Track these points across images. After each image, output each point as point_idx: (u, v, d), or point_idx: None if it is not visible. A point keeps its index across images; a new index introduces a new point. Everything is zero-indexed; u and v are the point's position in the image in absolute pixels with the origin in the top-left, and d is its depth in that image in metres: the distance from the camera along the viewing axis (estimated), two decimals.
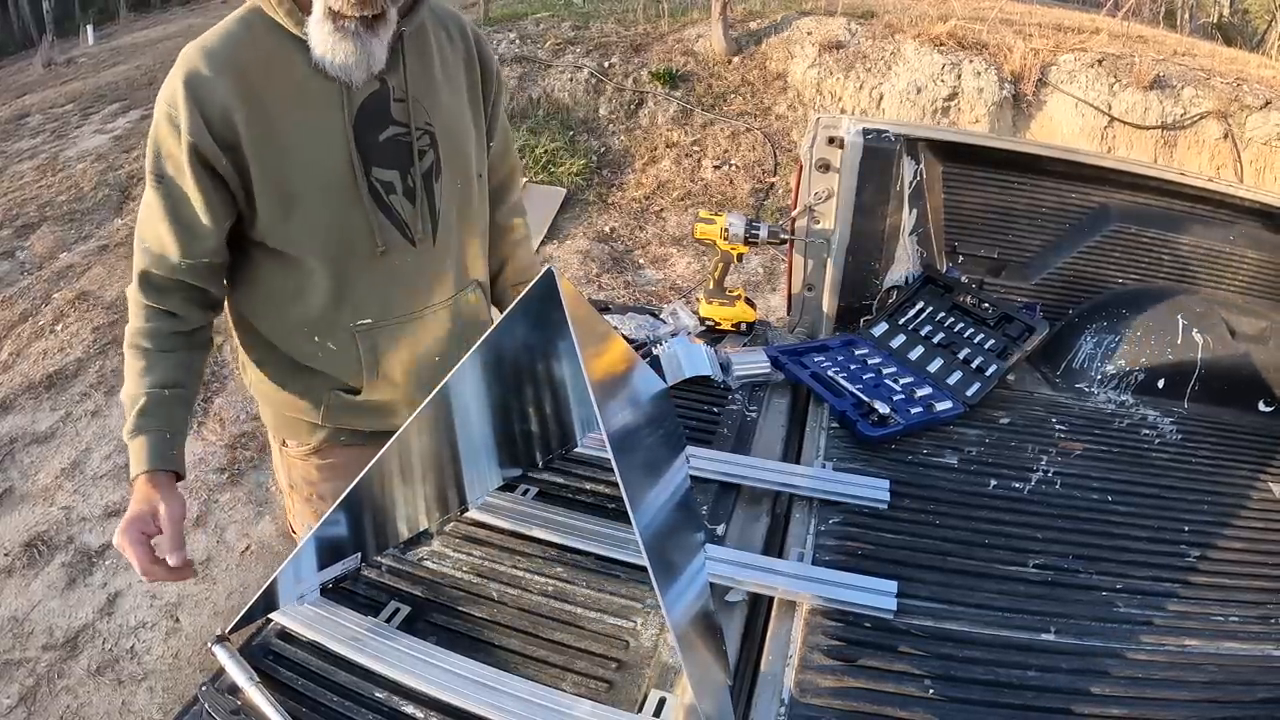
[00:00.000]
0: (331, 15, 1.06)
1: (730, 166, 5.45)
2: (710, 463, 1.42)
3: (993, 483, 1.47)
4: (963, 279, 1.99)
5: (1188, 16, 9.84)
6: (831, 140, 1.95)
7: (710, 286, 2.02)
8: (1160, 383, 1.84)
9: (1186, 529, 1.38)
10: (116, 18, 13.43)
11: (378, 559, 1.17)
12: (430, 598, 1.11)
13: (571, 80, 5.94)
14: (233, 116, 1.07)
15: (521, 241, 1.51)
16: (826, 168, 1.97)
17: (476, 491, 1.28)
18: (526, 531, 1.23)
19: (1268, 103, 5.04)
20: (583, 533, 1.22)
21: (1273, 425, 1.79)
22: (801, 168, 2.00)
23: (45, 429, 3.39)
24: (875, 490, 1.39)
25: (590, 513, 1.27)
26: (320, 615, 1.04)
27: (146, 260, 1.15)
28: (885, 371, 1.79)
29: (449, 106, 1.24)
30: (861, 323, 2.02)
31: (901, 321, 1.95)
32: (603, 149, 5.62)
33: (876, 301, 2.05)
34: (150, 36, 10.45)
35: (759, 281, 4.55)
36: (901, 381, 1.75)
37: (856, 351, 1.88)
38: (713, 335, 1.98)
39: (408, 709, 0.93)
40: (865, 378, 1.75)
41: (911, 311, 1.97)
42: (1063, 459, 1.56)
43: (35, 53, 10.63)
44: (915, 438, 1.59)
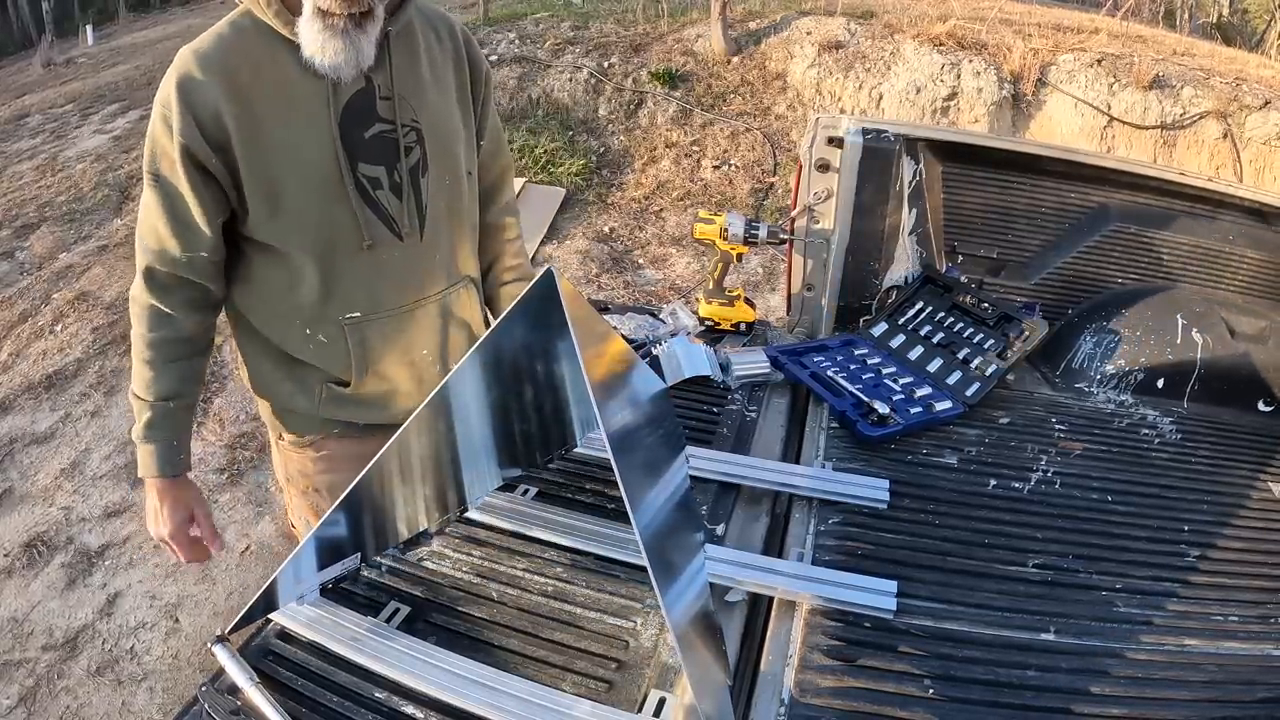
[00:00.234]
0: (320, 14, 1.09)
1: (730, 166, 5.45)
2: (710, 463, 1.42)
3: (992, 483, 1.47)
4: (962, 279, 1.99)
5: (1187, 16, 9.84)
6: (831, 140, 1.95)
7: (710, 286, 2.02)
8: (1160, 382, 1.84)
9: (1186, 529, 1.38)
10: (116, 18, 13.42)
11: (377, 559, 1.17)
12: (430, 598, 1.11)
13: (571, 80, 5.94)
14: (223, 117, 1.11)
15: (513, 240, 1.52)
16: (826, 168, 1.97)
17: (476, 491, 1.28)
18: (526, 531, 1.23)
19: (1267, 102, 5.04)
20: (583, 533, 1.22)
21: (1272, 425, 1.79)
22: (801, 168, 2.00)
23: (45, 429, 3.39)
24: (875, 490, 1.39)
25: (590, 513, 1.27)
26: (320, 615, 1.04)
27: (149, 257, 1.19)
28: (885, 371, 1.80)
29: (436, 105, 1.27)
30: (861, 323, 2.02)
31: (901, 321, 1.95)
32: (602, 149, 5.62)
33: (876, 301, 2.05)
34: (150, 37, 10.45)
35: (759, 281, 4.55)
36: (901, 381, 1.75)
37: (856, 351, 1.88)
38: (712, 335, 1.98)
39: (407, 709, 0.93)
40: (865, 378, 1.75)
41: (911, 311, 1.97)
42: (1062, 459, 1.56)
43: (35, 53, 10.63)
44: (915, 438, 1.59)
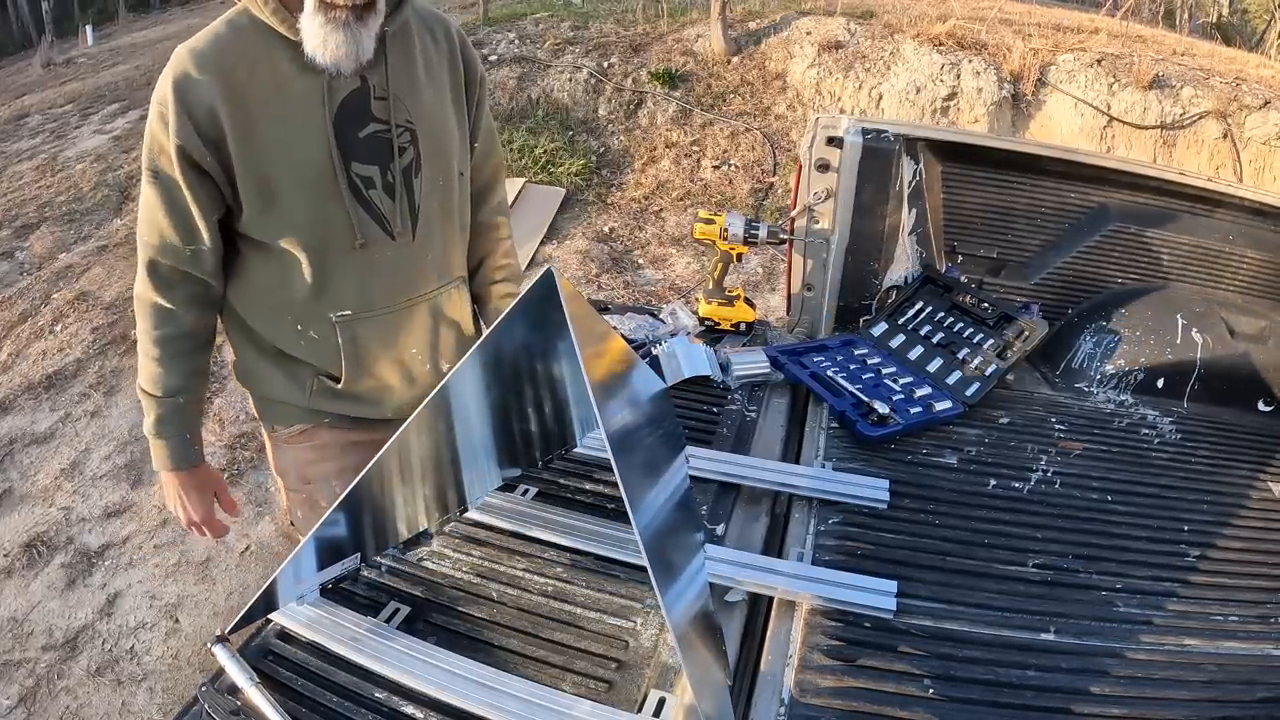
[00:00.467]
0: (323, 7, 1.10)
1: (729, 166, 5.45)
2: (710, 463, 1.42)
3: (992, 482, 1.47)
4: (962, 279, 1.99)
5: (1187, 16, 9.84)
6: (831, 140, 1.95)
7: (709, 286, 2.02)
8: (1159, 382, 1.84)
9: (1186, 529, 1.38)
10: (115, 18, 13.43)
11: (377, 559, 1.17)
12: (430, 598, 1.11)
13: (571, 80, 5.94)
14: (218, 115, 1.12)
15: (504, 239, 1.52)
16: (826, 168, 1.97)
17: (476, 491, 1.28)
18: (526, 531, 1.23)
19: (1267, 102, 5.04)
20: (583, 533, 1.22)
21: (1272, 425, 1.79)
22: (801, 168, 2.00)
23: (44, 429, 3.39)
24: (875, 490, 1.39)
25: (590, 513, 1.27)
26: (320, 615, 1.04)
27: (151, 252, 1.20)
28: (885, 371, 1.80)
29: (431, 106, 1.27)
30: (861, 322, 2.02)
31: (901, 321, 1.95)
32: (602, 149, 5.62)
33: (876, 301, 2.05)
34: (149, 37, 10.45)
35: (758, 281, 4.55)
36: (901, 381, 1.75)
37: (856, 351, 1.88)
38: (712, 335, 1.98)
39: (407, 709, 0.93)
40: (865, 378, 1.75)
41: (911, 311, 1.97)
42: (1062, 459, 1.56)
43: (34, 53, 10.63)
44: (915, 438, 1.59)
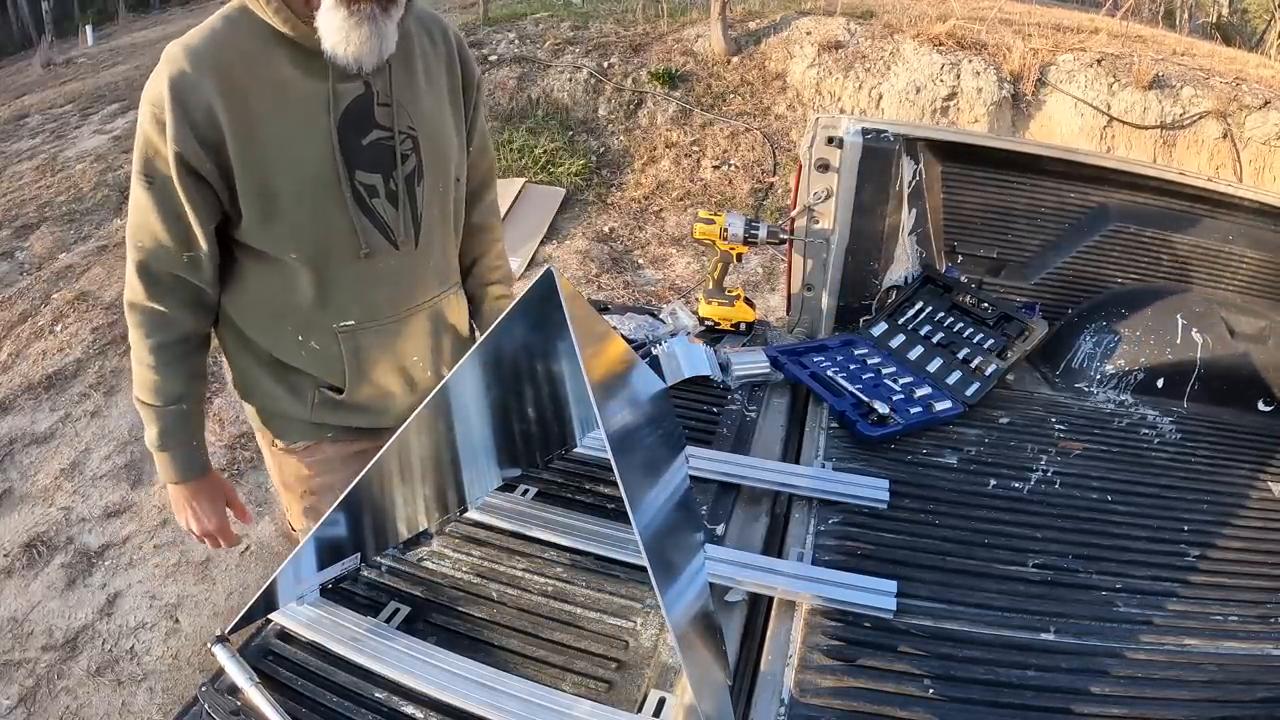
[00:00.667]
0: (347, 2, 1.05)
1: (729, 166, 5.45)
2: (710, 463, 1.42)
3: (992, 482, 1.47)
4: (962, 279, 1.99)
5: (1187, 16, 9.84)
6: (831, 140, 1.95)
7: (709, 286, 2.02)
8: (1159, 382, 1.84)
9: (1186, 529, 1.38)
10: (115, 18, 13.43)
11: (377, 559, 1.17)
12: (430, 598, 1.11)
13: (571, 80, 5.94)
14: (217, 117, 1.08)
15: (497, 241, 1.51)
16: (826, 168, 1.97)
17: (476, 491, 1.28)
18: (526, 531, 1.23)
19: (1267, 102, 5.04)
20: (583, 533, 1.22)
21: (1272, 425, 1.79)
22: (801, 168, 2.00)
23: (44, 429, 3.39)
24: (875, 490, 1.39)
25: (590, 513, 1.27)
26: (320, 615, 1.04)
27: (144, 256, 1.16)
28: (885, 371, 1.80)
29: (431, 111, 1.25)
30: (861, 322, 2.02)
31: (901, 321, 1.95)
32: (602, 149, 5.62)
33: (876, 301, 2.05)
34: (149, 37, 10.45)
35: (758, 281, 4.55)
36: (901, 381, 1.75)
37: (856, 351, 1.88)
38: (712, 335, 1.98)
39: (407, 709, 0.93)
40: (865, 378, 1.75)
41: (911, 311, 1.97)
42: (1062, 459, 1.56)
43: (34, 53, 10.64)
44: (915, 438, 1.59)
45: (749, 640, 1.12)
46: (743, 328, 2.00)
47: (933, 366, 1.81)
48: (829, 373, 1.75)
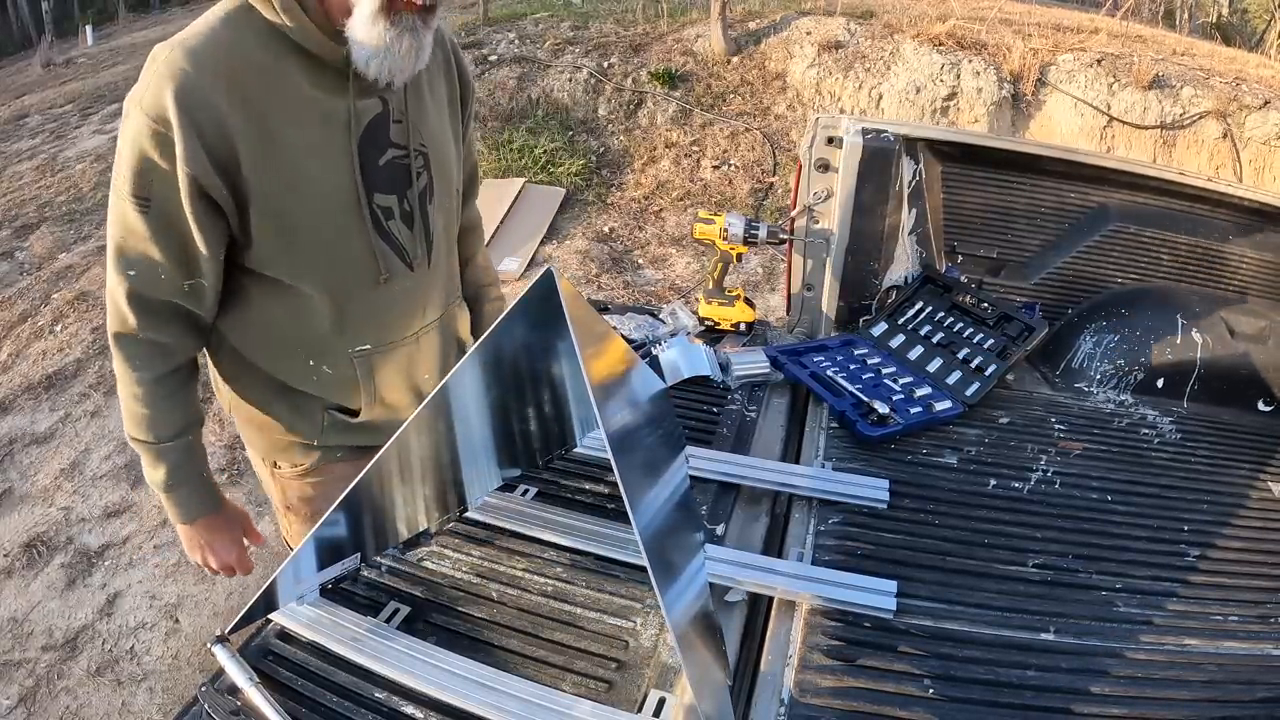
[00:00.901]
0: (387, 11, 0.97)
1: (729, 166, 5.45)
2: (710, 463, 1.42)
3: (992, 482, 1.47)
4: (962, 279, 1.99)
5: (1187, 16, 9.84)
6: (831, 140, 1.95)
7: (709, 286, 2.02)
8: (1159, 382, 1.84)
9: (1186, 529, 1.38)
10: (115, 18, 13.43)
11: (377, 559, 1.17)
12: (430, 598, 1.11)
13: (571, 80, 5.94)
14: (231, 134, 0.97)
15: (482, 241, 1.49)
16: (826, 168, 1.97)
17: (476, 491, 1.28)
18: (526, 531, 1.23)
19: (1266, 102, 5.04)
20: (583, 533, 1.22)
21: (1272, 425, 1.79)
22: (801, 168, 2.00)
23: (44, 429, 3.39)
24: (875, 490, 1.39)
25: (590, 513, 1.27)
26: (320, 615, 1.04)
27: (138, 285, 1.05)
28: (885, 371, 1.80)
29: (436, 125, 1.20)
30: (861, 323, 2.02)
31: (901, 321, 1.95)
32: (602, 149, 5.62)
33: (876, 301, 2.05)
34: (149, 37, 10.45)
35: (758, 281, 4.55)
36: (901, 381, 1.75)
37: (856, 351, 1.88)
38: (712, 335, 1.98)
39: (407, 709, 0.93)
40: (865, 378, 1.75)
41: (911, 311, 1.97)
42: (1062, 459, 1.56)
43: (34, 53, 10.65)
44: (915, 438, 1.59)
45: (749, 640, 1.12)
46: (743, 328, 2.00)
47: (933, 366, 1.81)
48: (829, 373, 1.75)
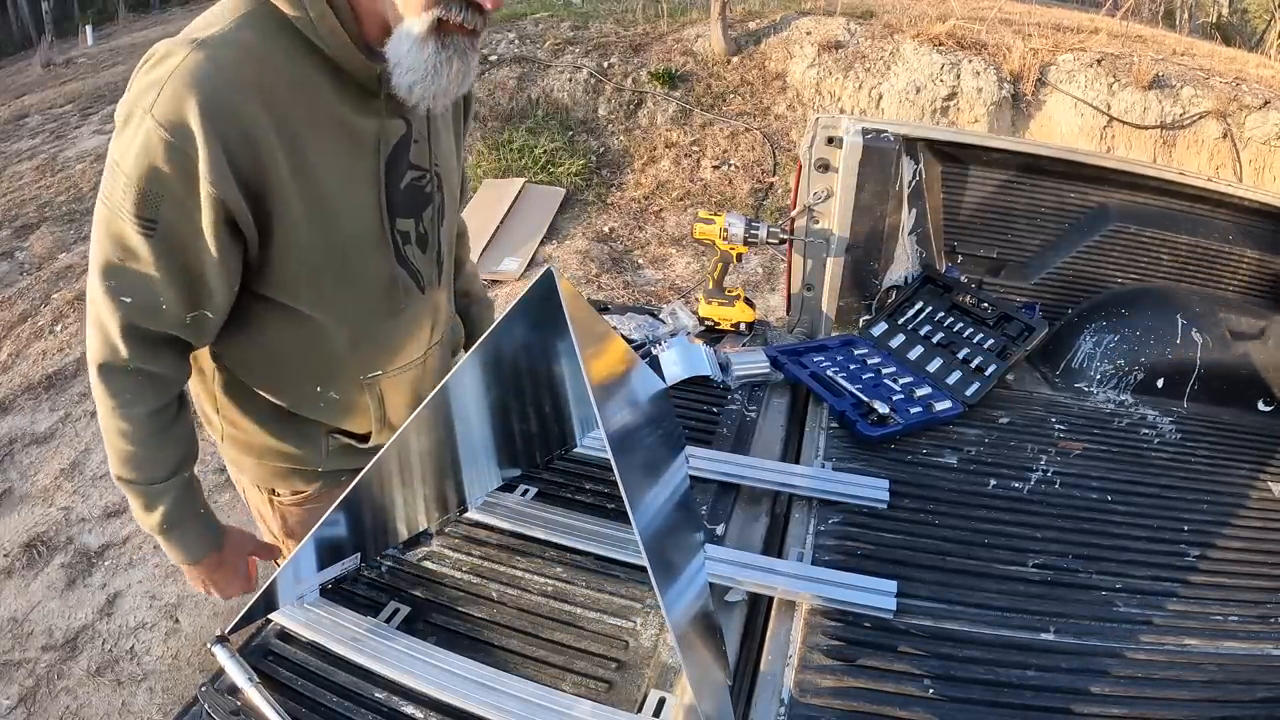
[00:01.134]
0: (438, 34, 0.89)
1: (729, 166, 5.45)
2: (710, 463, 1.42)
3: (992, 482, 1.47)
4: (962, 279, 1.99)
5: (1187, 16, 9.84)
6: (831, 140, 1.95)
7: (709, 286, 2.02)
8: (1159, 382, 1.84)
9: (1186, 529, 1.38)
10: (115, 18, 13.43)
11: (377, 559, 1.17)
12: (430, 598, 1.11)
13: (571, 80, 5.94)
14: (260, 152, 0.88)
15: (468, 247, 1.47)
16: (826, 168, 1.97)
17: (476, 492, 1.28)
18: (526, 531, 1.23)
19: (1266, 102, 5.04)
20: (583, 533, 1.22)
21: (1272, 425, 1.79)
22: (801, 168, 2.00)
23: (44, 430, 3.39)
24: (875, 490, 1.39)
25: (590, 513, 1.27)
26: (320, 615, 1.04)
27: (130, 313, 0.94)
28: (884, 371, 1.80)
29: (445, 142, 1.16)
30: (861, 323, 2.02)
31: (901, 321, 1.95)
32: (602, 149, 5.62)
33: (876, 301, 2.05)
34: (149, 37, 10.44)
35: (758, 281, 4.55)
36: (901, 381, 1.75)
37: (856, 351, 1.88)
38: (712, 335, 1.98)
39: (407, 709, 0.93)
40: (864, 377, 1.75)
41: (911, 311, 1.97)
42: (1062, 459, 1.56)
43: (34, 53, 10.64)
44: (915, 437, 1.59)
45: (749, 640, 1.12)
46: (743, 328, 2.00)
47: (933, 366, 1.81)
48: (829, 373, 1.75)
